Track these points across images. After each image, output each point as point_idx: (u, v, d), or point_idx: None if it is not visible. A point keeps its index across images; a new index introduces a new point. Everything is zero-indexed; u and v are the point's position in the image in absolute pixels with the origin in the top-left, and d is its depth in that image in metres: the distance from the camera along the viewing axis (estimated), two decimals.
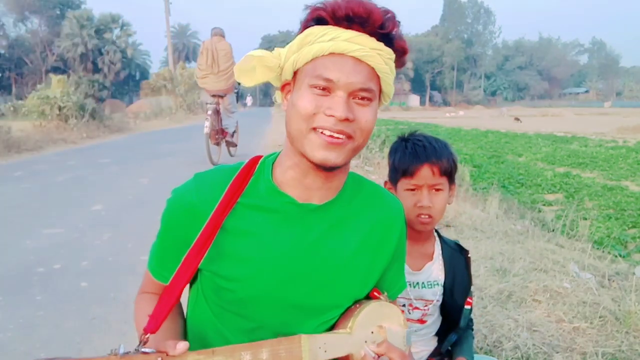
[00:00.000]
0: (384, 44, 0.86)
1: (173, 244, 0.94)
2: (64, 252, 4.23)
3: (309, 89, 0.85)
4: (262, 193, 0.93)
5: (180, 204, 0.94)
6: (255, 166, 0.96)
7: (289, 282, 0.91)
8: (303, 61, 0.86)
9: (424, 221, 1.30)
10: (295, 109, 0.86)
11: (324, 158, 0.85)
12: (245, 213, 0.91)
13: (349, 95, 0.84)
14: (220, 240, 0.90)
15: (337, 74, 0.83)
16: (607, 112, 48.87)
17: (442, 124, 29.52)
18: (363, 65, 0.84)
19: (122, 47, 46.58)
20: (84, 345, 2.67)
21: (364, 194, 1.02)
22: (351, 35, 0.83)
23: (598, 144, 17.64)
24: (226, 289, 0.92)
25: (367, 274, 0.98)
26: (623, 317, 2.72)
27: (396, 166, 1.34)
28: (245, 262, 0.90)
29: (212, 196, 0.91)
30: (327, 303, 0.95)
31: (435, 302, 1.38)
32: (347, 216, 0.97)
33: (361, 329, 0.92)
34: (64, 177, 8.11)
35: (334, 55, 0.84)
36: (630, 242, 6.40)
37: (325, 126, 0.84)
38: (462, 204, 6.18)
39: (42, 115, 15.46)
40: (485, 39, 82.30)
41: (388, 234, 1.01)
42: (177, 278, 0.90)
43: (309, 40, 0.85)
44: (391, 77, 0.90)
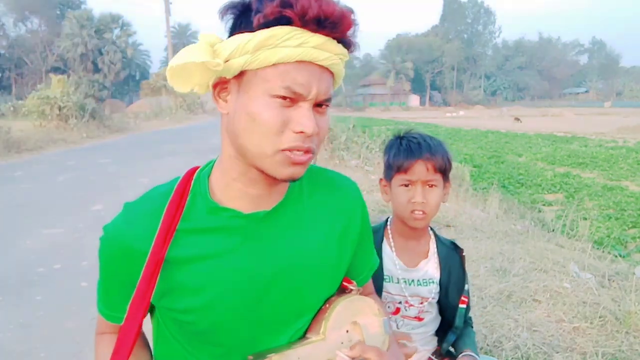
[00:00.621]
0: (343, 46, 0.78)
1: (116, 284, 0.86)
2: (64, 252, 4.23)
3: (270, 99, 0.74)
4: (202, 212, 0.83)
5: (113, 245, 0.84)
6: (190, 183, 0.86)
7: (252, 300, 0.84)
8: (261, 65, 0.74)
9: (417, 217, 1.30)
10: (256, 123, 0.75)
11: (291, 174, 0.78)
12: (188, 239, 0.82)
13: (313, 105, 0.77)
14: (167, 274, 0.81)
15: (307, 86, 0.74)
16: (607, 112, 48.87)
17: (442, 124, 29.52)
18: (327, 72, 0.77)
19: (122, 47, 46.60)
20: (84, 345, 2.67)
21: (315, 184, 0.94)
22: (320, 40, 0.74)
23: (598, 144, 17.65)
24: (187, 322, 0.84)
25: (335, 268, 0.92)
26: (623, 317, 2.72)
27: (391, 162, 1.34)
28: (199, 291, 0.82)
29: (147, 230, 0.81)
30: (297, 311, 0.88)
31: (431, 299, 1.38)
32: (301, 213, 0.89)
33: (334, 331, 0.87)
34: (64, 177, 8.11)
35: (300, 63, 0.74)
36: (630, 242, 6.40)
37: (296, 146, 0.75)
38: (462, 204, 6.18)
39: (42, 115, 15.47)
40: (485, 39, 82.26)
41: (351, 219, 0.95)
42: (129, 320, 0.82)
43: (271, 43, 0.73)
44: (341, 78, 0.84)
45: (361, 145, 10.70)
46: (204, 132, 18.24)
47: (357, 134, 12.08)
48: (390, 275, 1.35)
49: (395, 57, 67.22)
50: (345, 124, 12.64)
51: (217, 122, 3.46)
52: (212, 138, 15.10)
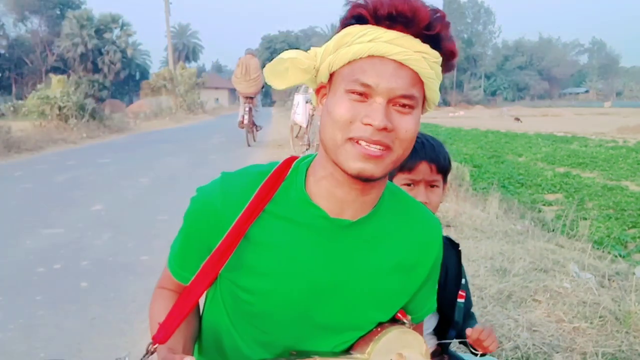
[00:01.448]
0: (429, 46, 0.77)
1: (194, 247, 0.90)
2: (64, 252, 4.23)
3: (345, 94, 0.78)
4: (292, 203, 0.86)
5: (203, 208, 0.88)
6: (288, 170, 0.89)
7: (309, 299, 0.86)
8: (340, 63, 0.79)
9: None
10: (331, 116, 0.79)
11: (360, 169, 0.77)
12: (272, 223, 0.85)
13: (389, 102, 0.77)
14: (243, 250, 0.85)
15: (376, 79, 0.76)
16: (607, 112, 48.80)
17: (443, 123, 29.51)
18: (405, 69, 0.76)
19: (122, 47, 46.57)
20: (84, 345, 2.67)
21: (402, 210, 0.94)
22: (393, 36, 0.75)
23: (598, 144, 17.64)
24: (244, 301, 0.88)
25: (395, 297, 0.93)
26: (623, 317, 2.72)
27: None
28: (266, 276, 0.85)
29: (238, 201, 0.85)
30: (347, 324, 0.90)
31: None
32: (381, 234, 0.90)
33: (379, 355, 0.87)
34: (64, 177, 8.11)
35: (373, 57, 0.76)
36: (630, 242, 6.40)
37: (363, 136, 0.76)
38: (462, 204, 6.18)
39: (42, 115, 15.46)
40: (485, 39, 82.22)
41: (424, 256, 0.95)
42: (194, 285, 0.86)
43: (347, 41, 0.78)
44: (436, 82, 0.81)
45: None
46: (204, 132, 18.24)
47: None
48: None
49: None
50: None
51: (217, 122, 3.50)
52: (212, 138, 15.10)
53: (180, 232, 0.94)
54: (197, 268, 0.87)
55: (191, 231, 0.91)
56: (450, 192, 7.07)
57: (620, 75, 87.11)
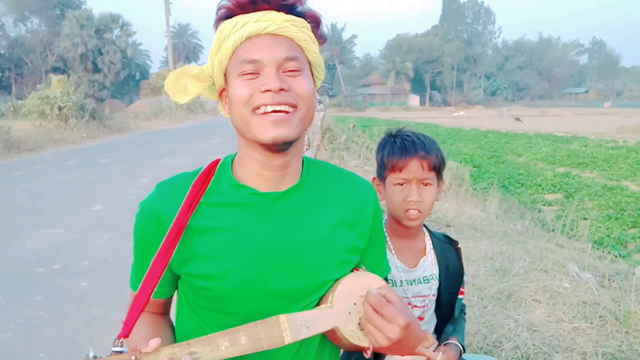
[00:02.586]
0: (294, 16, 0.88)
1: (146, 254, 0.93)
2: (64, 252, 4.23)
3: (239, 78, 0.86)
4: (225, 189, 0.94)
5: (146, 215, 0.95)
6: (215, 168, 0.97)
7: (263, 271, 0.91)
8: (226, 57, 0.88)
9: (412, 217, 1.29)
10: (233, 101, 0.87)
11: (273, 135, 0.84)
12: (210, 211, 0.92)
13: (278, 68, 0.85)
14: (189, 241, 0.91)
15: (259, 53, 0.85)
16: (607, 112, 48.86)
17: (443, 123, 29.51)
18: (280, 38, 0.86)
19: (122, 47, 46.51)
20: (84, 345, 2.67)
21: (330, 177, 1.02)
22: (259, 15, 0.86)
23: (598, 144, 17.65)
24: (203, 288, 0.92)
25: (343, 254, 0.97)
26: (623, 317, 2.72)
27: (385, 161, 1.33)
28: (216, 258, 0.90)
29: (175, 200, 0.91)
30: (306, 287, 0.94)
31: (431, 296, 1.38)
32: (315, 199, 0.97)
33: (342, 300, 0.90)
34: (64, 177, 8.11)
35: (250, 38, 0.86)
36: (630, 242, 6.40)
37: (265, 102, 0.84)
38: (462, 204, 6.19)
39: (42, 115, 15.47)
40: (485, 39, 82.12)
41: (362, 213, 1.01)
42: (146, 281, 0.89)
43: (224, 36, 0.87)
44: (314, 46, 0.90)
45: (361, 145, 10.72)
46: (203, 132, 18.24)
47: (357, 134, 12.10)
48: (392, 279, 1.34)
49: (395, 57, 67.11)
50: (345, 124, 12.66)
51: (217, 122, 3.50)
52: (212, 138, 15.11)
53: (134, 250, 0.99)
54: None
55: (141, 242, 0.97)
56: (450, 192, 7.07)
57: (620, 75, 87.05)
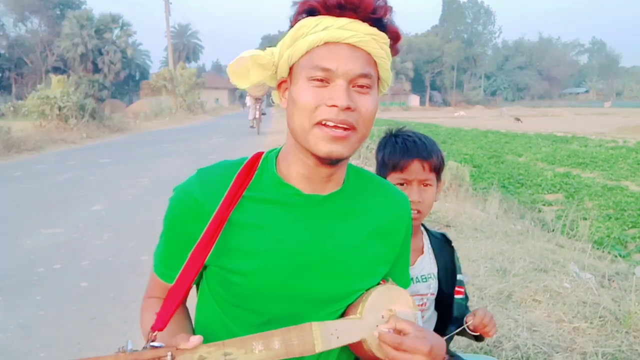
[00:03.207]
0: (377, 29, 0.85)
1: (179, 242, 0.92)
2: (64, 252, 4.23)
3: (308, 82, 0.83)
4: (268, 186, 0.92)
5: (184, 201, 0.92)
6: (259, 161, 0.95)
7: (297, 274, 0.90)
8: (298, 55, 0.85)
9: (412, 216, 1.30)
10: (296, 105, 0.84)
11: (329, 151, 0.83)
12: (252, 206, 0.90)
13: (349, 83, 0.83)
14: (227, 235, 0.89)
15: (334, 63, 0.82)
16: (607, 112, 48.85)
17: (443, 123, 29.51)
18: (359, 51, 0.83)
19: (122, 47, 46.46)
20: (84, 345, 2.67)
21: (369, 185, 1.01)
22: (344, 22, 0.82)
23: (598, 144, 17.64)
24: (234, 283, 0.90)
25: (376, 264, 0.98)
26: (623, 317, 2.72)
27: (386, 161, 1.34)
28: (253, 255, 0.89)
29: (216, 191, 0.89)
30: (336, 294, 0.94)
31: (430, 295, 1.38)
32: (354, 207, 0.96)
33: (371, 313, 0.91)
34: (64, 177, 8.11)
35: (328, 44, 0.82)
36: (630, 242, 6.40)
37: (329, 118, 0.82)
38: (462, 204, 6.18)
39: (42, 115, 15.46)
40: (485, 39, 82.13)
41: (396, 225, 1.01)
42: (183, 274, 0.87)
43: (302, 33, 0.84)
44: (388, 62, 0.89)
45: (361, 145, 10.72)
46: (203, 132, 18.24)
47: None
48: None
49: (395, 57, 67.11)
50: None
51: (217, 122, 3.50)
52: (212, 138, 15.10)
53: (162, 234, 0.97)
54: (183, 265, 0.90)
55: (174, 228, 0.94)
56: (450, 192, 7.07)
57: (620, 75, 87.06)
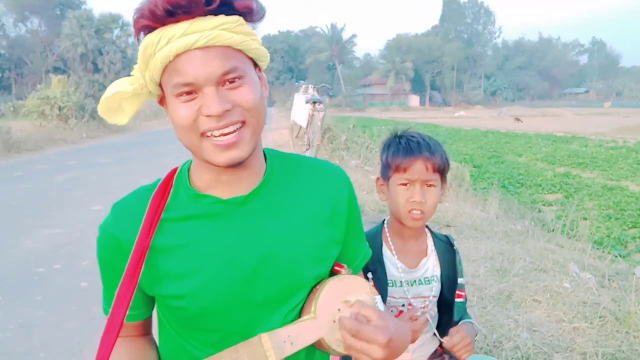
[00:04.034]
0: (224, 15, 0.77)
1: (113, 280, 0.88)
2: (64, 252, 4.23)
3: (177, 100, 0.79)
4: (185, 202, 0.88)
5: (104, 240, 0.90)
6: (173, 179, 0.91)
7: (239, 283, 0.85)
8: (158, 73, 0.79)
9: (415, 217, 1.29)
10: (177, 125, 0.81)
11: (228, 159, 0.80)
12: (172, 227, 0.86)
13: (217, 85, 0.77)
14: (154, 262, 0.85)
15: (191, 74, 0.76)
16: (607, 112, 48.86)
17: (443, 123, 29.50)
18: (214, 50, 0.77)
19: (122, 47, 46.49)
20: (84, 345, 2.67)
21: (300, 169, 0.96)
22: (184, 27, 0.75)
23: (598, 144, 17.64)
24: (177, 308, 0.87)
25: (322, 249, 0.92)
26: (623, 317, 2.72)
27: (389, 161, 1.33)
28: (185, 277, 0.85)
29: (132, 222, 0.85)
30: (286, 291, 0.89)
31: (432, 297, 1.38)
32: (282, 198, 0.91)
33: (325, 309, 0.86)
34: (64, 177, 8.11)
35: (179, 56, 0.76)
36: (630, 242, 6.40)
37: (211, 127, 0.78)
38: (462, 204, 6.18)
39: (42, 115, 15.48)
40: (485, 39, 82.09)
41: (337, 204, 0.95)
42: (114, 309, 0.84)
43: (150, 53, 0.78)
44: (252, 42, 0.81)
45: (361, 145, 10.71)
46: None
47: (357, 134, 12.09)
48: (393, 280, 1.34)
49: (395, 57, 67.09)
50: (345, 124, 12.65)
51: None
52: None
53: (101, 275, 0.94)
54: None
55: (105, 268, 0.92)
56: (450, 192, 7.07)
57: (620, 75, 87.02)
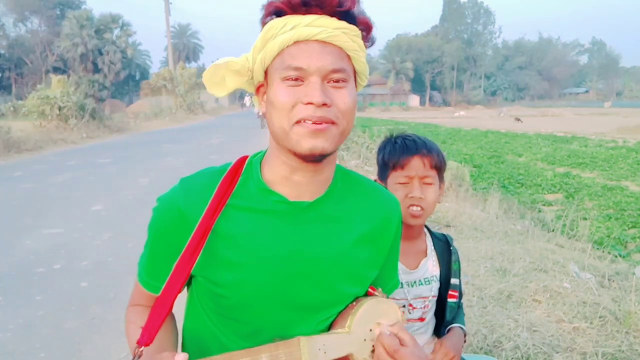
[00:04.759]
0: (346, 22, 0.83)
1: (164, 252, 0.90)
2: (64, 252, 4.23)
3: (282, 83, 0.82)
4: (253, 193, 0.90)
5: (168, 211, 0.90)
6: (243, 166, 0.93)
7: (284, 283, 0.89)
8: (270, 57, 0.84)
9: (415, 213, 1.30)
10: (274, 106, 0.83)
11: (311, 146, 0.81)
12: (236, 215, 0.88)
13: (323, 79, 0.82)
14: (212, 245, 0.87)
15: (305, 60, 0.81)
16: (607, 112, 48.86)
17: (443, 123, 29.51)
18: (330, 46, 0.82)
19: (122, 47, 46.47)
20: (84, 345, 2.67)
21: (357, 188, 0.99)
22: (311, 19, 0.81)
23: (598, 144, 17.64)
24: (221, 295, 0.89)
25: (364, 269, 0.96)
26: (623, 317, 2.72)
27: (386, 161, 1.35)
28: (238, 266, 0.87)
29: (200, 199, 0.87)
30: (325, 301, 0.92)
31: (431, 297, 1.38)
32: (341, 211, 0.94)
33: (359, 327, 0.91)
34: (64, 177, 8.11)
35: (298, 43, 0.82)
36: (630, 242, 6.40)
37: (307, 116, 0.81)
38: (462, 204, 6.18)
39: (42, 115, 15.48)
40: (485, 39, 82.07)
41: (385, 228, 0.99)
42: (169, 286, 0.86)
43: (272, 35, 0.83)
44: (362, 54, 0.87)
45: (361, 145, 10.72)
46: (203, 132, 18.24)
47: (357, 134, 12.11)
48: None
49: (395, 57, 67.11)
50: None
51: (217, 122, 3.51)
52: (212, 138, 15.10)
53: (146, 244, 0.95)
54: (168, 276, 0.88)
55: (158, 238, 0.92)
56: (450, 192, 7.07)
57: (620, 75, 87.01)
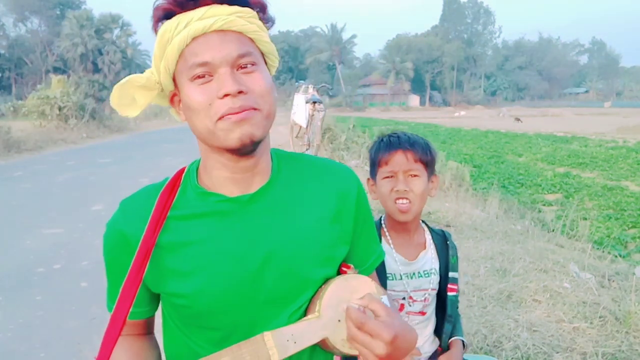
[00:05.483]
0: (238, 6, 0.82)
1: (118, 277, 0.88)
2: (64, 252, 4.23)
3: (192, 83, 0.80)
4: (192, 200, 0.88)
5: (112, 236, 0.90)
6: (181, 178, 0.92)
7: (246, 281, 0.86)
8: (173, 61, 0.82)
9: (402, 207, 1.30)
10: (191, 109, 0.81)
11: (239, 136, 0.79)
12: (178, 225, 0.87)
13: (232, 67, 0.80)
14: (159, 259, 0.86)
15: (208, 54, 0.79)
16: (607, 112, 48.89)
17: (443, 123, 29.50)
18: (229, 34, 0.81)
19: (122, 47, 46.51)
20: (84, 345, 2.67)
21: (308, 169, 0.96)
22: (202, 11, 0.79)
23: (598, 144, 17.65)
24: (182, 306, 0.87)
25: (329, 250, 0.92)
26: (623, 317, 2.72)
27: (373, 158, 1.38)
28: (190, 275, 0.85)
29: (139, 218, 0.86)
30: (292, 290, 0.88)
31: (431, 290, 1.39)
32: (290, 197, 0.91)
33: (329, 309, 0.85)
34: (64, 177, 8.12)
35: (196, 38, 0.80)
36: (630, 242, 6.40)
37: (227, 110, 0.78)
38: (462, 204, 6.18)
39: (42, 116, 15.48)
40: (485, 39, 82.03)
41: (344, 204, 0.95)
42: (119, 305, 0.85)
43: (167, 38, 0.81)
44: (263, 34, 0.85)
45: (361, 145, 10.72)
46: None
47: (357, 134, 12.11)
48: (392, 273, 1.36)
49: (395, 57, 67.06)
50: (345, 124, 12.66)
51: None
52: None
53: (106, 272, 0.95)
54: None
55: (111, 264, 0.92)
56: (450, 192, 7.07)
57: (620, 75, 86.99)
